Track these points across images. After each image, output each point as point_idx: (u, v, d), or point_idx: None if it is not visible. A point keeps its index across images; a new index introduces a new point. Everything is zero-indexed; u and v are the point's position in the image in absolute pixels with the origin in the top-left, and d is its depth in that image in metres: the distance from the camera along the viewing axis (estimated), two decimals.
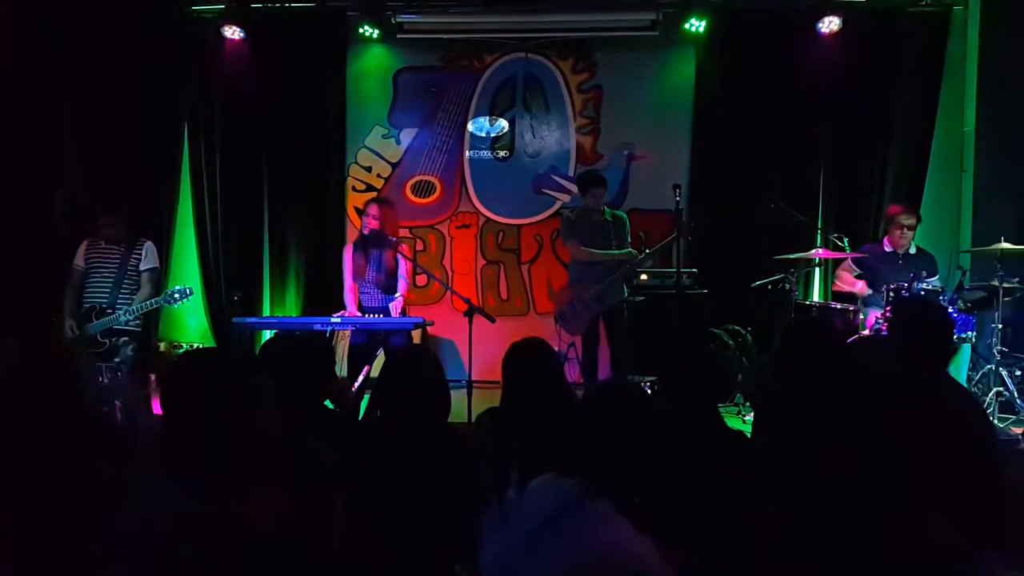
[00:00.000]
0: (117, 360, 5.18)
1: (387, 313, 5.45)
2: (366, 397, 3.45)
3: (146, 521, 1.91)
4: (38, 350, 2.71)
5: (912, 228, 5.71)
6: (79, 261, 5.37)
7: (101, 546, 1.97)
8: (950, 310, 5.08)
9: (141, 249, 5.41)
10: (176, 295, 5.22)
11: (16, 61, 6.01)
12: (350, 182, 7.34)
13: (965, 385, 5.15)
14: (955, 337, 5.05)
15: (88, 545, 2.04)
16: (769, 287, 5.95)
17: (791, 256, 5.88)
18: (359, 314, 5.49)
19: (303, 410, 2.67)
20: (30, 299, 5.70)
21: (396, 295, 5.52)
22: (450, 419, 2.81)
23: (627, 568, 1.77)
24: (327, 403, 3.04)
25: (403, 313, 5.52)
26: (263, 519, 1.92)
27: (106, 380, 4.62)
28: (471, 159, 7.34)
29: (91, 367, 4.88)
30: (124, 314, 5.18)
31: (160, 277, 5.53)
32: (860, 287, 5.76)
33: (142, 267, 5.38)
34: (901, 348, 3.09)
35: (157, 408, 5.02)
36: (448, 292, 6.94)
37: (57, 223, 6.41)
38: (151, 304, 5.26)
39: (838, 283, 6.02)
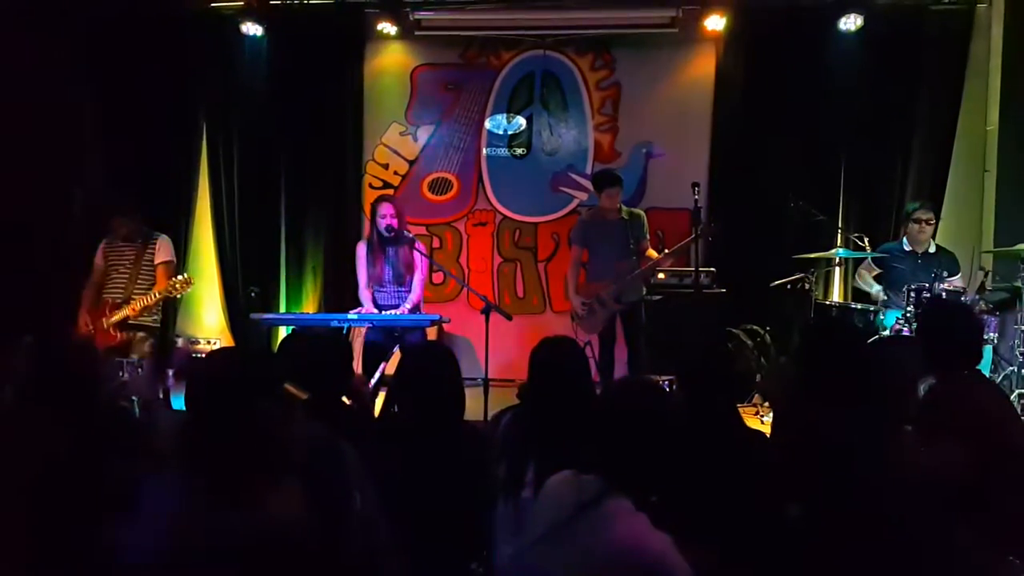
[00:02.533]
0: (135, 356, 5.20)
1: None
2: (381, 394, 3.45)
3: (163, 517, 1.92)
4: (56, 347, 2.73)
5: (930, 223, 5.66)
6: (98, 259, 5.42)
7: (117, 541, 1.98)
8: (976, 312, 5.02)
9: (155, 243, 5.43)
10: (178, 285, 5.25)
11: (36, 59, 6.05)
12: (367, 179, 7.35)
13: None
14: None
15: (104, 540, 2.05)
16: (788, 286, 5.91)
17: (811, 255, 5.84)
18: (376, 311, 5.50)
19: (321, 406, 2.67)
20: (48, 297, 5.74)
21: (411, 299, 5.52)
22: (468, 418, 2.81)
23: (646, 564, 1.77)
24: (345, 399, 3.04)
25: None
26: (281, 515, 1.92)
27: (125, 375, 4.63)
28: (488, 156, 7.33)
29: (110, 362, 4.91)
30: (132, 305, 5.19)
31: (175, 270, 5.54)
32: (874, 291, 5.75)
33: (156, 261, 5.41)
34: (931, 352, 3.07)
35: (174, 404, 5.07)
36: (465, 290, 6.94)
37: (76, 220, 6.45)
38: (156, 296, 5.26)
39: (858, 280, 6.02)
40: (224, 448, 1.92)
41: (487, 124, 7.31)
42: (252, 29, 6.84)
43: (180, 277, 5.29)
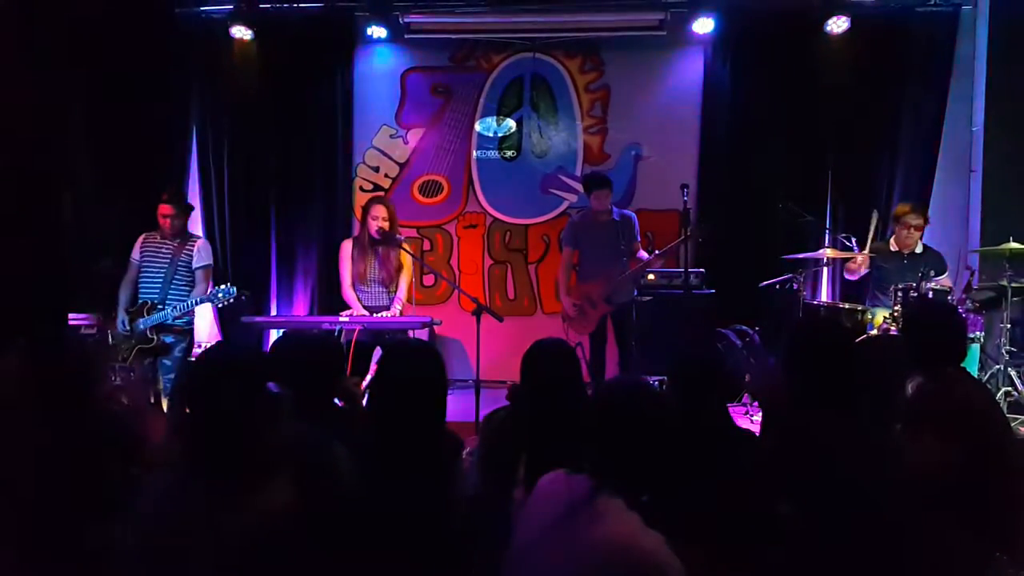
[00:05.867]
0: (167, 359, 5.23)
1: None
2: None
3: (153, 516, 1.93)
4: (48, 350, 2.73)
5: (919, 228, 5.71)
6: (135, 254, 5.41)
7: (111, 542, 1.99)
8: (959, 310, 5.06)
9: (193, 244, 5.41)
10: (220, 295, 5.23)
11: (25, 61, 6.03)
12: (358, 182, 7.36)
13: None
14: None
15: (98, 541, 2.06)
16: (777, 287, 5.94)
17: (799, 256, 5.88)
18: (363, 311, 5.51)
19: (313, 407, 2.67)
20: (40, 300, 5.71)
21: (400, 299, 5.53)
22: (459, 419, 2.81)
23: (638, 563, 1.78)
24: (336, 401, 3.05)
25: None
26: (271, 513, 1.93)
27: (117, 380, 4.63)
28: (478, 159, 7.35)
29: (103, 366, 4.89)
30: (172, 311, 5.19)
31: (213, 274, 5.53)
32: (858, 264, 5.77)
33: (194, 264, 5.38)
34: (915, 351, 3.10)
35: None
36: (456, 291, 6.96)
37: (66, 223, 6.43)
38: (197, 302, 5.26)
39: (847, 275, 6.06)
40: (213, 446, 1.93)
41: (477, 127, 7.33)
42: (242, 33, 6.84)
43: (230, 290, 5.25)
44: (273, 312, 7.16)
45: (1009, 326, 5.42)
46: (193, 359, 4.73)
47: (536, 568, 1.94)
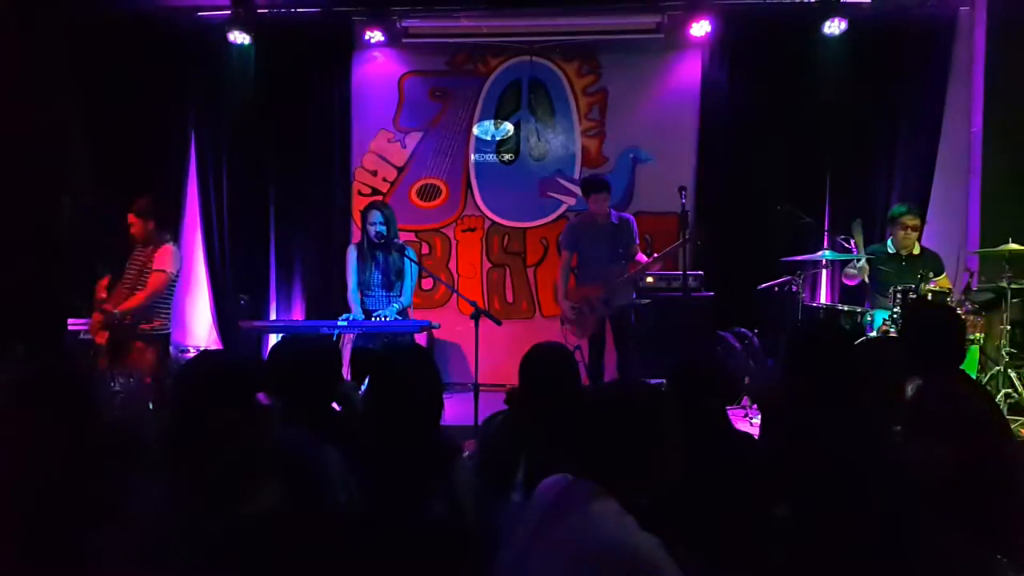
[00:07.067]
0: (143, 366, 5.15)
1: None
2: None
3: (145, 519, 1.92)
4: (46, 354, 2.73)
5: (916, 229, 5.72)
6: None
7: (105, 548, 1.98)
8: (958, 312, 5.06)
9: (159, 249, 5.31)
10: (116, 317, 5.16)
11: (24, 66, 6.04)
12: (356, 186, 7.35)
13: None
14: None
15: (96, 545, 2.06)
16: (776, 289, 5.94)
17: (798, 258, 5.87)
18: (364, 316, 5.50)
19: (311, 412, 2.67)
20: (38, 304, 5.71)
21: (400, 302, 5.53)
22: (458, 423, 2.81)
23: (634, 567, 1.77)
24: (335, 405, 3.04)
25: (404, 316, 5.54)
26: (260, 516, 1.93)
27: (118, 386, 4.61)
28: (476, 162, 7.35)
29: (102, 373, 4.87)
30: (119, 318, 5.11)
31: (168, 282, 5.37)
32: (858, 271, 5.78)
33: (154, 267, 5.26)
34: (914, 352, 3.10)
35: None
36: (454, 295, 6.95)
37: (64, 228, 6.43)
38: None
39: (846, 280, 6.07)
40: (202, 449, 1.93)
41: (475, 130, 7.33)
42: (239, 38, 6.82)
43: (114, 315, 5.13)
44: (272, 316, 7.16)
45: (1009, 327, 5.42)
46: (181, 365, 4.70)
47: (533, 572, 1.93)
